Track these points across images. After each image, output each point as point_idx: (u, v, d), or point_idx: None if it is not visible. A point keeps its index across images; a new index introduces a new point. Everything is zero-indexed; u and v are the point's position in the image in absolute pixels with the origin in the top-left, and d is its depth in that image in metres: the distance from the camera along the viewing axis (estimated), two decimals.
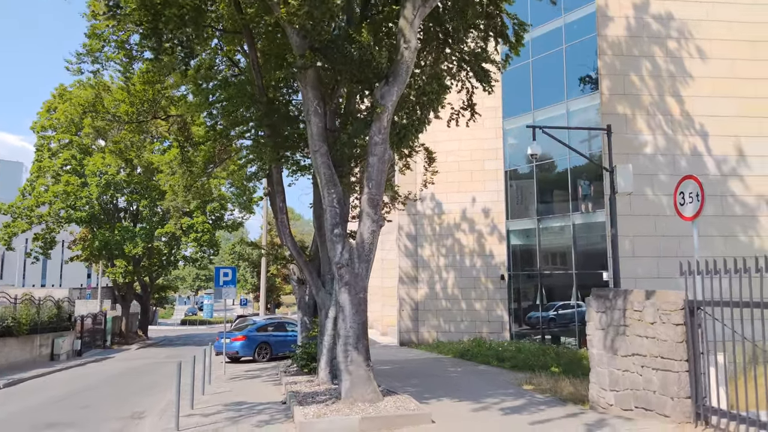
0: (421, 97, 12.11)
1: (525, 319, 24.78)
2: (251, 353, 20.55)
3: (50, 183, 30.80)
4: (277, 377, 15.43)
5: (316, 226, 13.09)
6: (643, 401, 8.40)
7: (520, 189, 25.51)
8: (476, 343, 21.25)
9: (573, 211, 22.03)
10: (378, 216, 9.94)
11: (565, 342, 22.40)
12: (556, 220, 23.15)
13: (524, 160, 24.86)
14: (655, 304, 8.24)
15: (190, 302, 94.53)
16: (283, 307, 61.16)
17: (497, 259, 25.20)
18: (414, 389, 12.29)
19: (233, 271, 16.99)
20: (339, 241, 9.98)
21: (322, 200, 10.27)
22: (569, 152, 22.32)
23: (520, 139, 25.40)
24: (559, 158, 23.19)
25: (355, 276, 9.86)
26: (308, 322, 15.62)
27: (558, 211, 23.03)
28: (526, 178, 25.09)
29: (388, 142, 10.07)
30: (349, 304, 9.80)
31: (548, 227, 23.60)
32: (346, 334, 9.76)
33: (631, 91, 14.53)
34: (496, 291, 25.03)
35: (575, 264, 21.85)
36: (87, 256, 32.53)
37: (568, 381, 12.36)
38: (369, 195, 9.86)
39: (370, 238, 9.91)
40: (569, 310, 22.63)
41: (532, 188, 24.16)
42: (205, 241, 31.33)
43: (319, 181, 10.17)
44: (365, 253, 9.94)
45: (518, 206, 25.28)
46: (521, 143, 25.30)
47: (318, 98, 10.14)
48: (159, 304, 53.24)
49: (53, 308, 24.21)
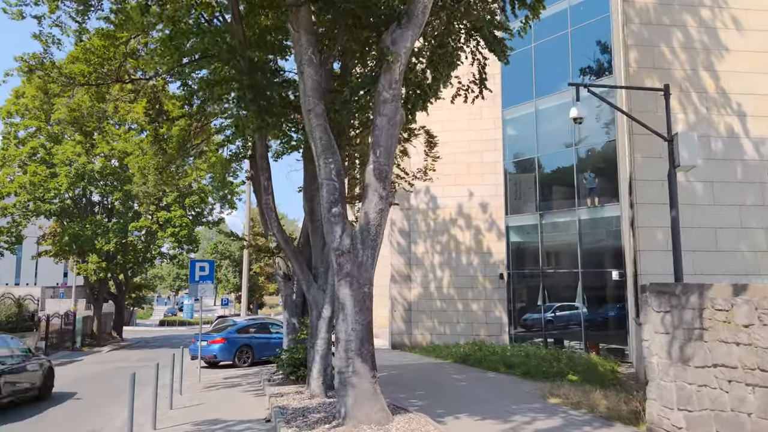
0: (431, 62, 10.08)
1: (525, 321, 22.87)
2: (231, 357, 18.24)
3: (17, 173, 28.12)
4: (260, 386, 13.23)
5: (307, 210, 10.96)
6: (731, 426, 6.44)
7: (520, 182, 23.63)
8: (477, 347, 19.23)
9: (579, 205, 20.20)
10: (387, 191, 7.88)
11: (569, 345, 20.55)
12: (560, 215, 21.30)
13: (525, 151, 23.02)
14: (751, 301, 6.28)
15: (170, 302, 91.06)
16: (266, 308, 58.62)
17: (496, 257, 23.24)
18: (422, 402, 10.22)
19: (211, 264, 14.71)
20: (338, 222, 7.88)
21: (318, 173, 8.15)
22: (575, 141, 20.55)
23: (520, 129, 23.55)
24: (563, 148, 21.38)
25: (358, 266, 7.77)
26: (296, 324, 13.45)
27: (562, 206, 21.19)
28: (527, 170, 23.22)
29: (399, 100, 8.02)
30: (350, 301, 7.71)
31: (551, 223, 21.74)
32: (347, 338, 7.66)
33: (662, 65, 12.82)
34: (494, 291, 23.07)
35: (581, 262, 20.00)
36: (56, 252, 29.82)
37: (600, 393, 10.40)
38: (376, 164, 7.78)
39: (377, 219, 7.83)
40: (574, 312, 20.77)
41: (534, 181, 22.28)
42: (183, 236, 28.85)
43: (314, 148, 8.06)
44: (371, 237, 7.86)
45: (518, 201, 23.39)
46: (522, 133, 23.45)
47: (313, 45, 8.04)
48: (137, 304, 50.37)
49: (12, 306, 21.61)
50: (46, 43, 9.82)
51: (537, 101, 22.13)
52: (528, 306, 22.73)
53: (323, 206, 8.00)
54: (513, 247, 23.19)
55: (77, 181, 27.64)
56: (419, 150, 16.72)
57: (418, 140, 16.26)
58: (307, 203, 10.88)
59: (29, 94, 27.34)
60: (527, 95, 22.39)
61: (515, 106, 23.02)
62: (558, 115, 21.81)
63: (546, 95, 21.91)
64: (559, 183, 22.05)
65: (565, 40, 20.91)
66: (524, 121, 22.97)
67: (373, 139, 7.85)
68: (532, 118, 22.30)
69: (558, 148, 21.67)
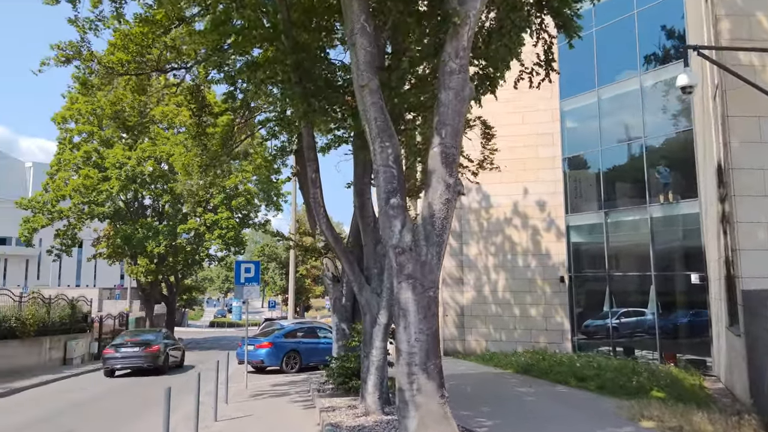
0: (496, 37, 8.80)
1: (589, 328, 21.07)
2: (278, 363, 17.38)
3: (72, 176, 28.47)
4: (309, 396, 12.23)
5: (357, 204, 9.87)
6: None
7: (581, 179, 21.89)
8: (540, 356, 17.69)
9: (650, 202, 18.33)
10: (455, 179, 6.67)
11: (640, 355, 18.66)
12: (628, 213, 19.47)
13: (586, 144, 21.27)
14: None
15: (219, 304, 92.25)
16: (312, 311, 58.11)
17: (555, 258, 21.56)
18: (491, 422, 8.92)
19: (256, 266, 13.86)
20: (397, 216, 6.72)
21: (373, 159, 7.02)
22: (644, 130, 18.68)
23: (581, 121, 21.82)
24: (629, 141, 19.57)
25: (421, 266, 6.58)
26: (346, 329, 12.40)
27: (630, 203, 19.35)
28: (589, 165, 21.48)
29: (468, 71, 6.81)
30: (413, 307, 6.53)
31: (618, 222, 19.91)
32: (410, 350, 6.48)
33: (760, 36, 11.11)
34: (554, 295, 21.39)
35: (654, 264, 18.12)
36: (109, 254, 30.03)
37: (701, 415, 8.82)
38: (442, 147, 6.59)
39: (444, 211, 6.63)
40: (645, 318, 18.88)
41: (597, 177, 20.51)
42: (230, 238, 28.44)
43: (368, 131, 6.94)
44: (436, 232, 6.66)
45: (579, 198, 21.64)
46: (583, 126, 21.70)
47: (365, 11, 6.92)
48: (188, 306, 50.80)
49: (66, 308, 21.54)
50: (83, 29, 9.17)
51: (600, 90, 20.38)
52: (592, 311, 20.94)
53: (379, 197, 6.87)
54: (574, 247, 21.46)
55: (128, 184, 27.70)
56: (475, 144, 15.44)
57: (473, 132, 14.99)
58: (358, 197, 9.78)
59: (82, 100, 27.59)
60: (588, 84, 20.65)
61: (575, 96, 21.31)
62: (623, 105, 20.04)
63: (609, 83, 20.16)
64: (626, 179, 20.22)
65: (631, 23, 19.14)
66: (585, 112, 21.24)
67: (438, 117, 6.66)
68: (595, 108, 20.55)
69: (624, 141, 19.87)
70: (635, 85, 19.19)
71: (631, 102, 19.29)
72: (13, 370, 17.58)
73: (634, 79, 19.16)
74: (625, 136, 19.82)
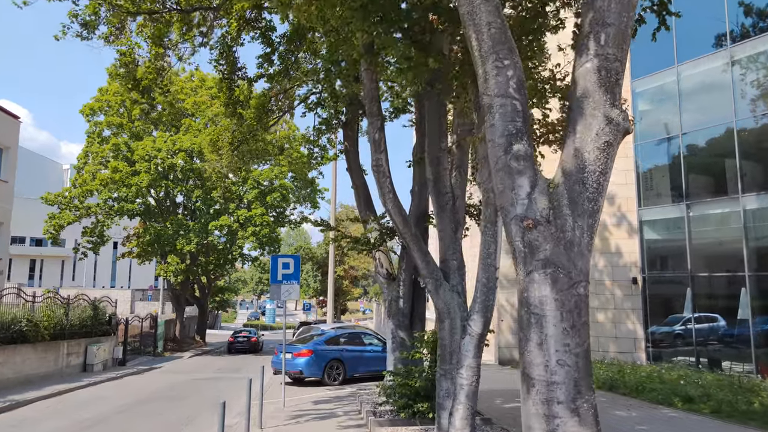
0: None
1: (666, 336, 18.20)
2: (319, 373, 15.05)
3: (100, 170, 26.87)
4: (361, 419, 9.85)
5: (432, 177, 7.43)
6: None
7: (657, 168, 19.05)
8: (617, 369, 14.96)
9: (743, 192, 15.48)
10: (620, 109, 4.21)
11: (728, 367, 15.77)
12: (715, 205, 16.61)
13: (665, 129, 18.45)
14: None
15: (252, 306, 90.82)
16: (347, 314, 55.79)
17: (626, 257, 18.76)
18: None
19: (296, 260, 11.54)
20: (524, 171, 4.27)
21: (481, 89, 4.57)
22: (735, 112, 15.88)
23: (657, 102, 19.00)
24: (717, 125, 16.72)
25: (566, 246, 4.14)
26: (405, 338, 9.99)
27: (718, 194, 16.51)
28: (667, 153, 18.63)
29: None
30: (553, 309, 4.08)
31: (702, 216, 17.04)
32: (549, 378, 4.02)
33: None
34: (625, 299, 18.59)
35: (748, 264, 15.24)
36: (139, 253, 28.31)
37: None
38: (600, 60, 4.15)
39: (602, 161, 4.18)
40: (736, 326, 15.96)
41: (678, 166, 17.67)
42: (264, 235, 26.38)
43: (476, 46, 4.49)
44: (588, 194, 4.21)
45: (655, 190, 18.82)
46: (660, 108, 18.88)
47: None
48: (220, 308, 49.14)
49: (87, 309, 19.62)
50: None
51: (680, 67, 17.60)
52: (671, 318, 18.06)
53: (494, 143, 4.43)
54: (649, 245, 18.64)
55: (158, 179, 25.95)
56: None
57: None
58: (433, 167, 7.35)
59: (112, 91, 26.02)
60: (667, 61, 17.88)
61: (650, 75, 18.56)
62: (709, 84, 17.19)
63: (691, 59, 17.35)
64: (712, 167, 17.33)
65: None
66: (663, 92, 18.44)
67: (592, 14, 4.24)
68: (674, 88, 17.77)
69: (710, 125, 17.01)
70: (724, 59, 16.39)
71: (719, 80, 16.49)
72: (25, 379, 15.65)
73: (723, 52, 16.36)
74: (712, 119, 16.96)
